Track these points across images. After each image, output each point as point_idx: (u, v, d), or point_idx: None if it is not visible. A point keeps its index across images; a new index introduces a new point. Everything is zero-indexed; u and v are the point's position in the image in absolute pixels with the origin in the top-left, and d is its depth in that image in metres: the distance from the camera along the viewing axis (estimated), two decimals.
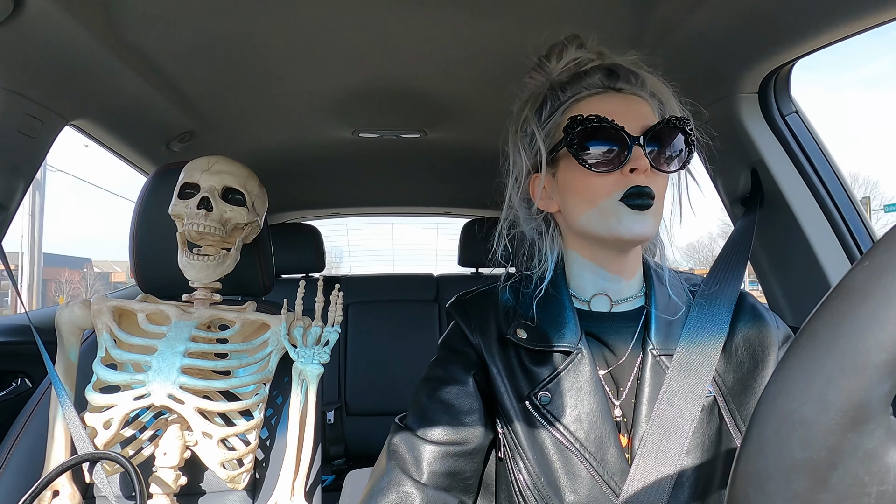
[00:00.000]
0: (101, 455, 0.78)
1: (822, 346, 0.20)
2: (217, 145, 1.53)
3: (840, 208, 0.99)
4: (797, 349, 0.21)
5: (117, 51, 0.96)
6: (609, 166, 0.59)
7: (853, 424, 0.20)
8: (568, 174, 0.64)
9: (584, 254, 0.67)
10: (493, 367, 0.65)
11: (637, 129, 0.60)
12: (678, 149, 0.61)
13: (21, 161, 1.01)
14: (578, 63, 0.66)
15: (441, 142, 1.63)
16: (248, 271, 1.06)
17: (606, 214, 0.60)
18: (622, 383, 0.63)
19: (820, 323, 0.21)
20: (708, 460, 0.59)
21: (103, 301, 0.93)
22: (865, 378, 0.19)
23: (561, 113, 0.64)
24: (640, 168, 0.59)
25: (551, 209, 0.68)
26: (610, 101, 0.62)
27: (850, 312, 0.20)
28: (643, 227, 0.59)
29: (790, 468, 0.20)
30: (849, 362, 0.20)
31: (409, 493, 0.60)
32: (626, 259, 0.65)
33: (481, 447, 0.64)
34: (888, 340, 0.19)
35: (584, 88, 0.63)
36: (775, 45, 0.86)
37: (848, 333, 0.20)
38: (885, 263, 0.20)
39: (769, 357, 0.62)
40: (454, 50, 1.06)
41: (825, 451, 0.20)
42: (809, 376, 0.20)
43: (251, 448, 0.89)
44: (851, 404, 0.19)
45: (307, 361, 0.92)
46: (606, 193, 0.60)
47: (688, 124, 0.61)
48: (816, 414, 0.20)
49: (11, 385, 1.23)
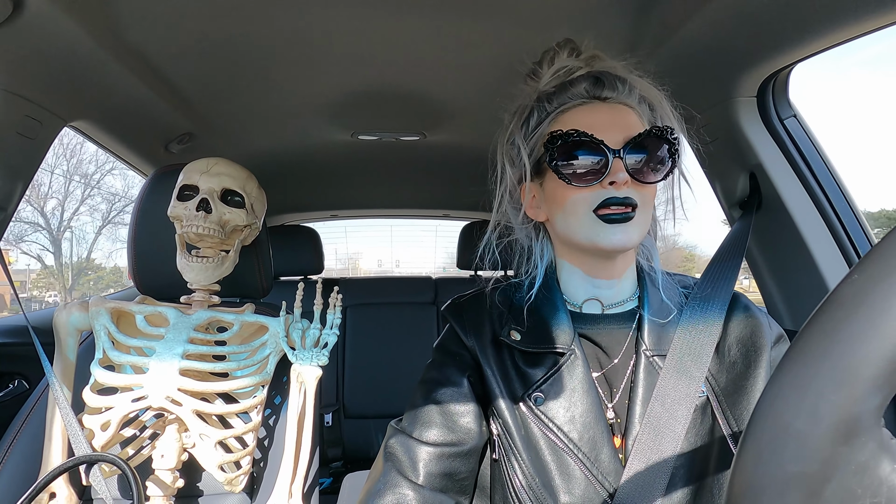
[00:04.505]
0: (98, 457, 0.78)
1: (813, 359, 0.20)
2: (216, 147, 1.53)
3: (838, 212, 0.99)
4: (789, 362, 0.21)
5: (116, 52, 0.97)
6: (589, 180, 0.60)
7: (845, 438, 0.20)
8: (552, 186, 0.65)
9: (573, 261, 0.68)
10: (487, 369, 0.65)
11: (619, 140, 0.60)
12: (662, 159, 0.61)
13: (20, 162, 1.01)
14: (567, 71, 0.66)
15: (440, 144, 1.63)
16: (247, 273, 1.06)
17: (586, 227, 0.61)
18: (616, 385, 0.64)
19: (810, 336, 0.21)
20: (701, 460, 0.59)
21: (101, 302, 0.93)
22: (856, 392, 0.19)
23: (546, 125, 0.65)
24: (618, 182, 0.59)
25: (540, 218, 0.69)
26: (594, 112, 0.62)
27: (840, 326, 0.20)
28: (623, 236, 0.60)
29: (784, 481, 0.20)
30: (839, 376, 0.20)
31: (406, 495, 0.60)
32: (615, 265, 0.66)
33: (476, 448, 0.65)
34: (877, 354, 0.19)
35: (570, 99, 0.64)
36: (773, 49, 0.86)
37: (837, 347, 0.20)
38: (873, 277, 0.20)
39: (762, 357, 0.62)
40: (453, 53, 1.06)
41: (818, 464, 0.20)
42: (801, 390, 0.20)
43: (249, 450, 0.89)
44: (843, 418, 0.20)
45: (305, 363, 0.92)
46: (586, 206, 0.61)
47: (671, 133, 0.61)
48: (808, 427, 0.20)
49: (9, 386, 1.22)
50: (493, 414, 0.64)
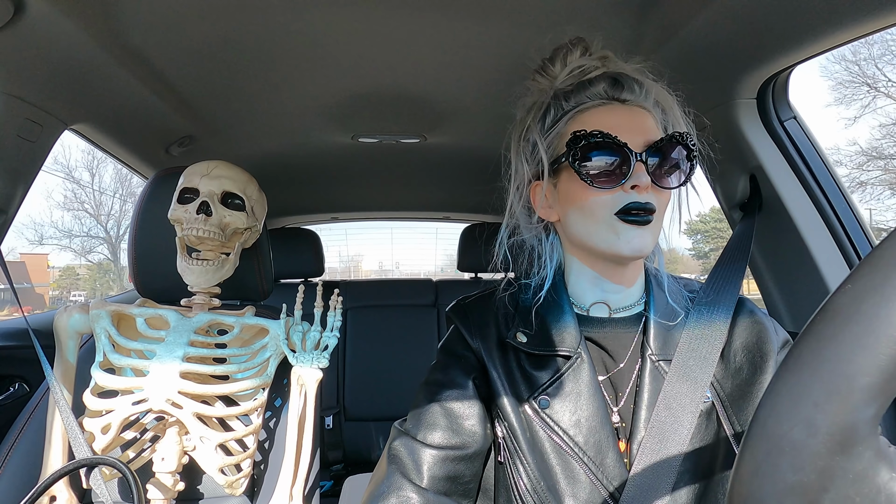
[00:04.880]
0: (98, 460, 0.78)
1: (808, 369, 0.20)
2: (216, 150, 1.53)
3: (838, 214, 0.99)
4: (785, 372, 0.21)
5: (117, 55, 0.97)
6: (611, 183, 0.59)
7: (841, 447, 0.20)
8: (569, 186, 0.63)
9: (583, 264, 0.67)
10: (492, 371, 0.65)
11: (640, 143, 0.59)
12: (680, 164, 0.61)
13: (20, 165, 1.01)
14: (583, 70, 0.65)
15: (440, 147, 1.63)
16: (248, 276, 1.06)
17: (605, 229, 0.60)
18: (621, 389, 0.64)
19: (805, 346, 0.21)
20: (706, 465, 0.59)
21: (102, 305, 0.93)
22: (851, 402, 0.19)
23: (564, 123, 0.64)
24: (641, 185, 0.59)
25: (551, 218, 0.68)
26: (614, 113, 0.62)
27: (834, 336, 0.20)
28: (641, 241, 0.59)
29: (782, 491, 0.20)
30: (834, 386, 0.20)
31: (410, 498, 0.60)
32: (626, 270, 0.66)
33: (481, 451, 0.64)
34: (872, 364, 0.19)
35: (588, 98, 0.63)
36: (774, 50, 0.86)
37: (833, 357, 0.20)
38: (868, 286, 0.20)
39: (768, 363, 0.62)
40: (453, 55, 1.06)
41: (815, 474, 0.20)
42: (797, 400, 0.20)
43: (249, 453, 0.89)
44: (839, 428, 0.19)
45: (306, 366, 0.92)
46: (606, 208, 0.60)
47: (690, 139, 0.61)
48: (805, 437, 0.20)
49: (9, 390, 1.22)
50: (497, 416, 0.64)
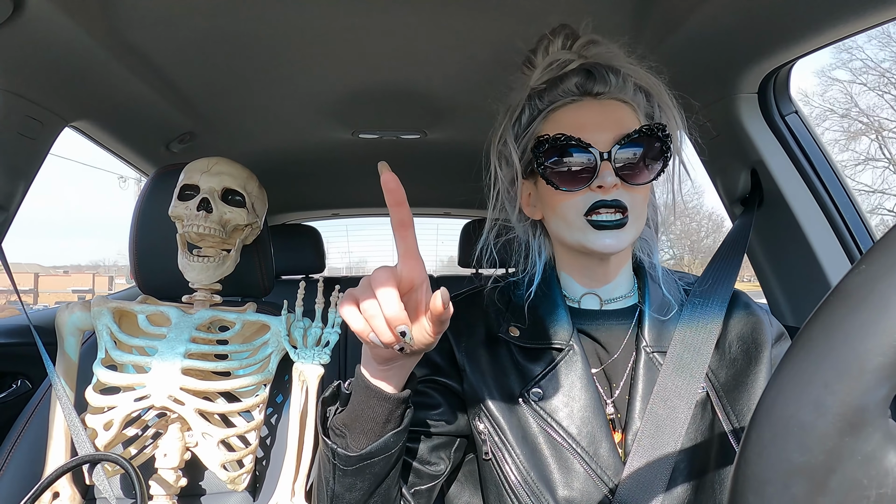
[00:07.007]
0: (101, 456, 0.78)
1: (819, 350, 0.20)
2: (217, 146, 1.53)
3: (839, 208, 0.99)
4: (794, 353, 0.21)
5: (117, 52, 0.97)
6: (577, 184, 0.60)
7: (851, 428, 0.20)
8: (543, 188, 0.64)
9: (568, 259, 0.68)
10: (475, 370, 0.65)
11: (608, 140, 0.59)
12: (653, 158, 0.60)
13: (21, 162, 1.01)
14: (560, 64, 0.64)
15: (441, 142, 1.63)
16: (248, 272, 1.06)
17: (576, 231, 0.61)
18: (615, 380, 0.64)
19: (816, 327, 0.21)
20: (701, 455, 0.59)
21: (103, 302, 0.93)
22: (862, 383, 0.19)
23: (538, 124, 0.64)
24: (606, 185, 0.59)
25: (536, 216, 0.69)
26: (583, 110, 0.62)
27: (847, 317, 0.20)
28: (613, 240, 0.59)
29: (789, 472, 0.20)
30: (845, 367, 0.20)
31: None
32: (608, 264, 0.66)
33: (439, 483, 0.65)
34: (884, 345, 0.19)
35: (561, 96, 0.63)
36: (775, 45, 0.86)
37: (844, 338, 0.20)
38: (882, 268, 0.20)
39: (763, 354, 0.62)
40: (454, 50, 1.06)
41: (823, 456, 0.20)
42: (806, 381, 0.20)
43: (251, 449, 0.89)
44: (849, 409, 0.19)
45: (307, 362, 0.92)
46: (575, 210, 0.61)
47: (663, 131, 0.60)
48: (814, 418, 0.20)
49: (11, 386, 1.23)
50: (480, 413, 0.64)
